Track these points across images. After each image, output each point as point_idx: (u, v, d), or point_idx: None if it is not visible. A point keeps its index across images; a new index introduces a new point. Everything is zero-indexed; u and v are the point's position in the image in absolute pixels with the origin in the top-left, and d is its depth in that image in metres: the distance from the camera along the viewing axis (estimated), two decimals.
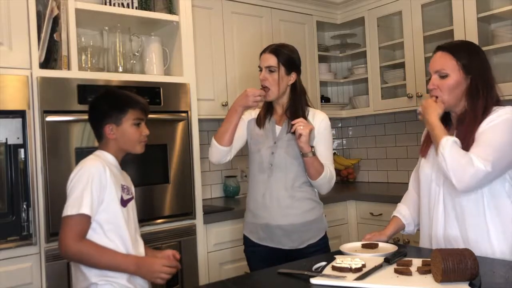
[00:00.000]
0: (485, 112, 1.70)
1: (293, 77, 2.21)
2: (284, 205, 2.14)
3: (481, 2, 3.05)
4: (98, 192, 1.67)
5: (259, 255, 2.20)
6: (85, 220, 1.64)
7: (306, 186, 2.19)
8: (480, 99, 1.71)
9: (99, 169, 1.68)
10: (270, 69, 2.16)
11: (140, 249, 1.79)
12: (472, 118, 1.71)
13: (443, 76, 1.73)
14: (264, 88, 2.17)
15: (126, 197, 1.79)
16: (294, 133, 2.07)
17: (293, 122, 2.06)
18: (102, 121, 1.77)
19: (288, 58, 2.19)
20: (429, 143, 1.84)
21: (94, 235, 1.67)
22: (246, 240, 2.25)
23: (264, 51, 2.22)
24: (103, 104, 1.80)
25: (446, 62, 1.73)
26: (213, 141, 2.20)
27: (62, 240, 1.63)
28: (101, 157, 1.76)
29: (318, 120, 2.19)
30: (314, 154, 2.08)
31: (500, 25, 3.14)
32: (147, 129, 1.83)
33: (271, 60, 2.17)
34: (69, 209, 1.64)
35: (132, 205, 1.83)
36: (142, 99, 1.85)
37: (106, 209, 1.69)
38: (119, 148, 1.79)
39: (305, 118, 2.16)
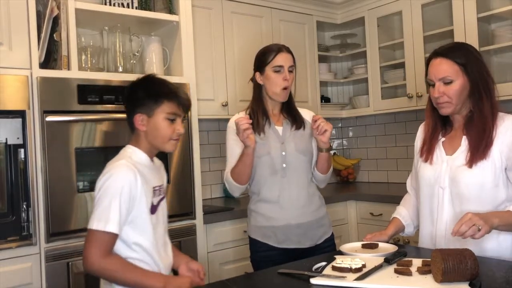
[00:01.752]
0: (494, 113, 1.71)
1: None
2: (301, 204, 2.14)
3: (481, 2, 3.05)
4: (127, 205, 1.54)
5: (274, 259, 2.08)
6: (112, 237, 1.52)
7: (313, 183, 2.24)
8: (483, 99, 1.71)
9: (130, 181, 1.54)
10: (290, 69, 2.16)
11: (168, 252, 1.70)
12: (481, 119, 1.71)
13: (448, 83, 1.72)
14: (285, 88, 2.14)
15: (157, 200, 1.66)
16: (300, 128, 2.14)
17: (314, 119, 2.11)
18: (134, 109, 1.62)
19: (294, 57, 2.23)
20: (431, 146, 1.83)
21: (119, 247, 1.57)
22: (258, 245, 2.16)
23: (280, 51, 2.16)
24: (138, 91, 1.64)
25: (448, 68, 1.72)
26: (232, 181, 2.14)
27: (86, 255, 1.51)
28: (132, 159, 1.61)
29: (308, 116, 2.24)
30: (331, 148, 2.12)
31: (500, 25, 3.14)
32: (182, 127, 1.66)
33: (291, 59, 2.17)
34: (95, 222, 1.52)
35: (162, 205, 1.71)
36: (184, 93, 1.69)
37: (133, 221, 1.57)
38: (150, 143, 1.64)
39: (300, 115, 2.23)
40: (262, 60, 2.17)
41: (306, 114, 2.27)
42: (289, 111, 2.22)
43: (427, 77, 1.80)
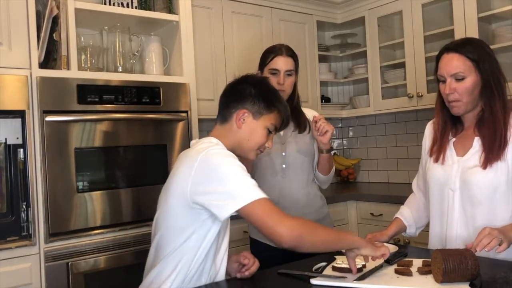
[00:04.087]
0: (506, 112, 1.67)
1: (296, 77, 2.21)
2: (302, 204, 2.14)
3: (481, 2, 3.04)
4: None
5: (274, 259, 2.03)
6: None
7: (314, 183, 2.23)
8: (495, 97, 1.67)
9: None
10: (288, 73, 2.14)
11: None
12: (492, 118, 1.67)
13: (460, 79, 1.68)
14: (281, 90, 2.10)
15: None
16: (298, 132, 2.12)
17: (315, 119, 2.09)
18: (241, 103, 1.54)
19: (298, 59, 2.20)
20: (442, 146, 1.78)
21: (175, 232, 1.46)
22: (258, 246, 2.16)
23: (279, 54, 2.14)
24: (254, 88, 1.56)
25: (460, 64, 1.67)
26: None
27: (274, 228, 1.33)
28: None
29: (311, 116, 2.23)
30: (332, 149, 2.10)
31: (501, 24, 3.13)
32: (272, 142, 1.62)
33: (290, 63, 2.14)
34: (248, 194, 1.36)
35: None
36: (289, 110, 1.63)
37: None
38: (236, 143, 1.55)
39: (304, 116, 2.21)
40: (262, 60, 2.20)
41: (309, 113, 2.26)
42: (294, 113, 2.17)
43: (438, 72, 1.74)
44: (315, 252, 1.42)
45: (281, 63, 2.13)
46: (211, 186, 1.38)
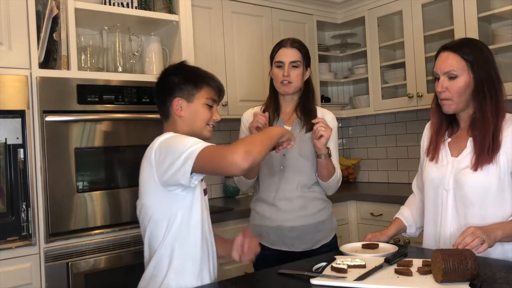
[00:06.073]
0: (498, 114, 1.67)
1: (308, 72, 2.18)
2: (297, 207, 2.10)
3: (481, 2, 3.05)
4: None
5: (269, 260, 2.03)
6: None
7: (316, 186, 2.17)
8: (487, 100, 1.67)
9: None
10: (293, 65, 2.11)
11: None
12: (483, 122, 1.68)
13: (452, 78, 1.69)
14: (287, 82, 2.10)
15: (203, 187, 1.68)
16: (305, 132, 2.10)
17: (314, 121, 2.02)
18: (171, 94, 1.61)
19: (306, 52, 2.17)
20: (437, 145, 1.79)
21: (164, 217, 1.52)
22: None
23: (283, 46, 2.13)
24: (176, 76, 1.63)
25: (454, 63, 1.68)
26: (241, 177, 2.14)
27: (224, 160, 1.36)
28: None
29: (328, 119, 2.13)
30: (330, 155, 2.06)
31: (501, 24, 3.14)
32: (218, 114, 1.67)
33: (295, 54, 2.12)
34: (191, 148, 1.40)
35: (206, 200, 1.70)
36: (218, 79, 1.68)
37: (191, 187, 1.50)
38: (187, 128, 1.61)
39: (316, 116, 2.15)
40: (270, 55, 2.19)
41: (328, 118, 2.16)
42: (304, 111, 2.15)
43: (433, 70, 1.76)
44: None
45: (285, 54, 2.11)
46: (169, 160, 1.44)
